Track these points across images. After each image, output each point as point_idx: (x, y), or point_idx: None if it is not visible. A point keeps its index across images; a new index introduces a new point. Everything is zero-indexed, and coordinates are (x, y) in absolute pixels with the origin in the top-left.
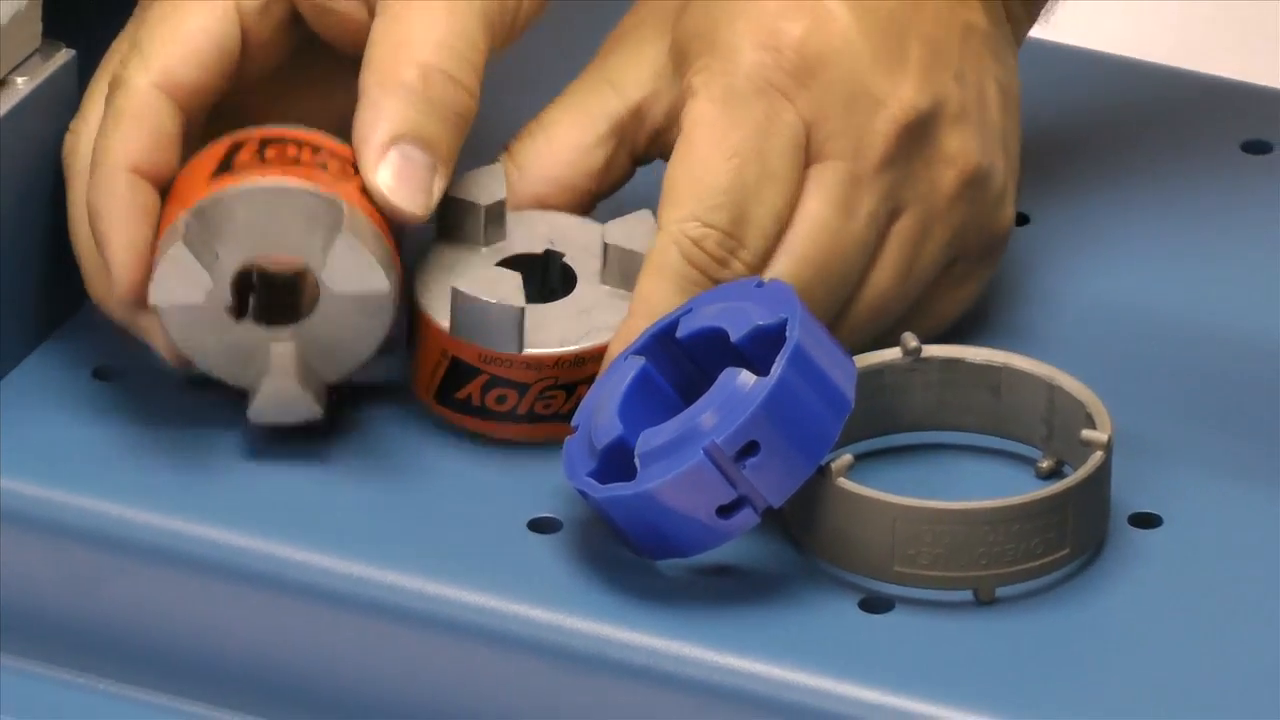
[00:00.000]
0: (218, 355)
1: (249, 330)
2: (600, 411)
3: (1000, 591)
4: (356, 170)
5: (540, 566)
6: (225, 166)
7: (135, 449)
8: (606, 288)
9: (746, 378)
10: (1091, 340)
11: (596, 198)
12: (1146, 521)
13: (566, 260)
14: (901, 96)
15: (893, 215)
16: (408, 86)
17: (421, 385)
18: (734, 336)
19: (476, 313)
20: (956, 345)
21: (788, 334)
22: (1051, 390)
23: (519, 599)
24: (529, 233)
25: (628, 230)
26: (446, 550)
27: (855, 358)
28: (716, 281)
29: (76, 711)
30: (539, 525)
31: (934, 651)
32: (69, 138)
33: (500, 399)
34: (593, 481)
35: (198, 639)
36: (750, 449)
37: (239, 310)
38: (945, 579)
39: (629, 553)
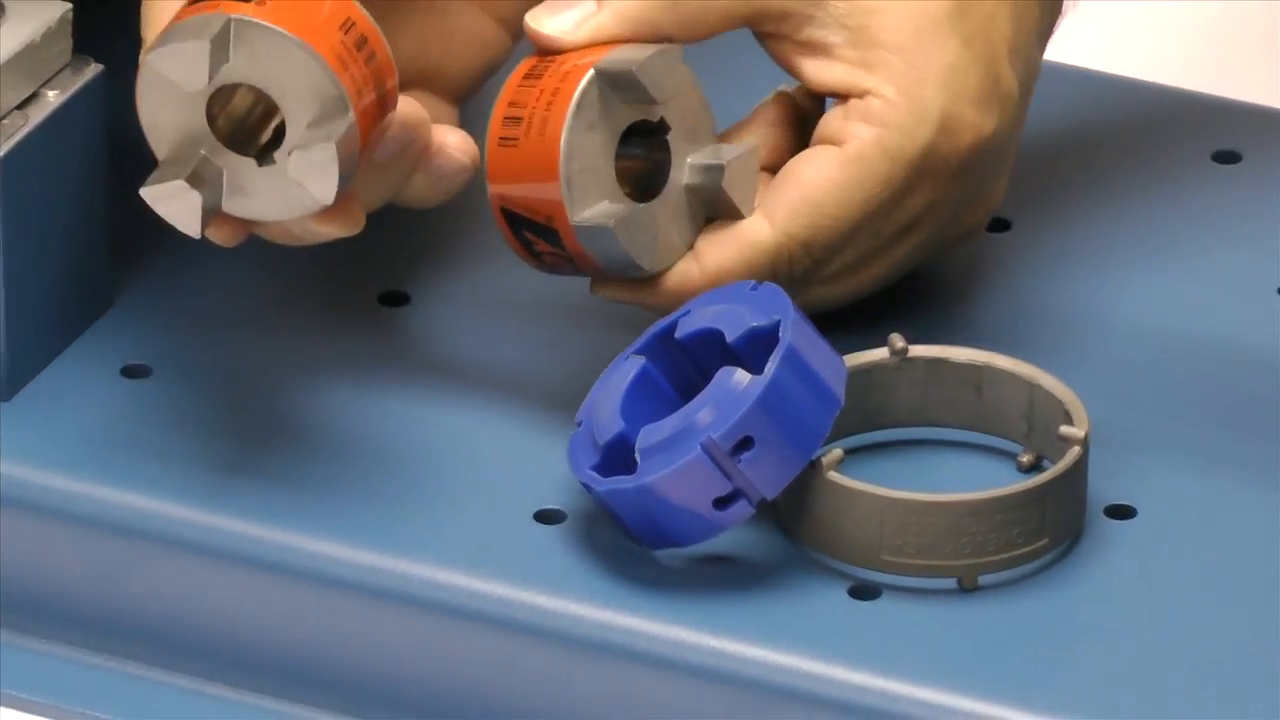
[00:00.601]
0: (168, 133)
1: (209, 138)
2: (602, 409)
3: (983, 579)
4: (381, 86)
5: (545, 555)
6: None
7: (159, 443)
8: (683, 196)
9: (741, 376)
10: (1070, 341)
11: (708, 34)
12: (1121, 513)
13: (669, 138)
14: (993, 195)
15: (915, 224)
16: None
17: (498, 197)
18: (730, 337)
19: (610, 246)
20: (941, 345)
21: (780, 335)
22: (1032, 389)
23: (525, 586)
24: (662, 79)
25: (739, 168)
26: (457, 540)
27: (846, 357)
28: (776, 279)
29: (103, 692)
30: (544, 516)
31: (920, 636)
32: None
33: (551, 256)
34: (595, 475)
35: (217, 623)
36: (745, 444)
37: (221, 130)
38: (931, 567)
39: (630, 543)
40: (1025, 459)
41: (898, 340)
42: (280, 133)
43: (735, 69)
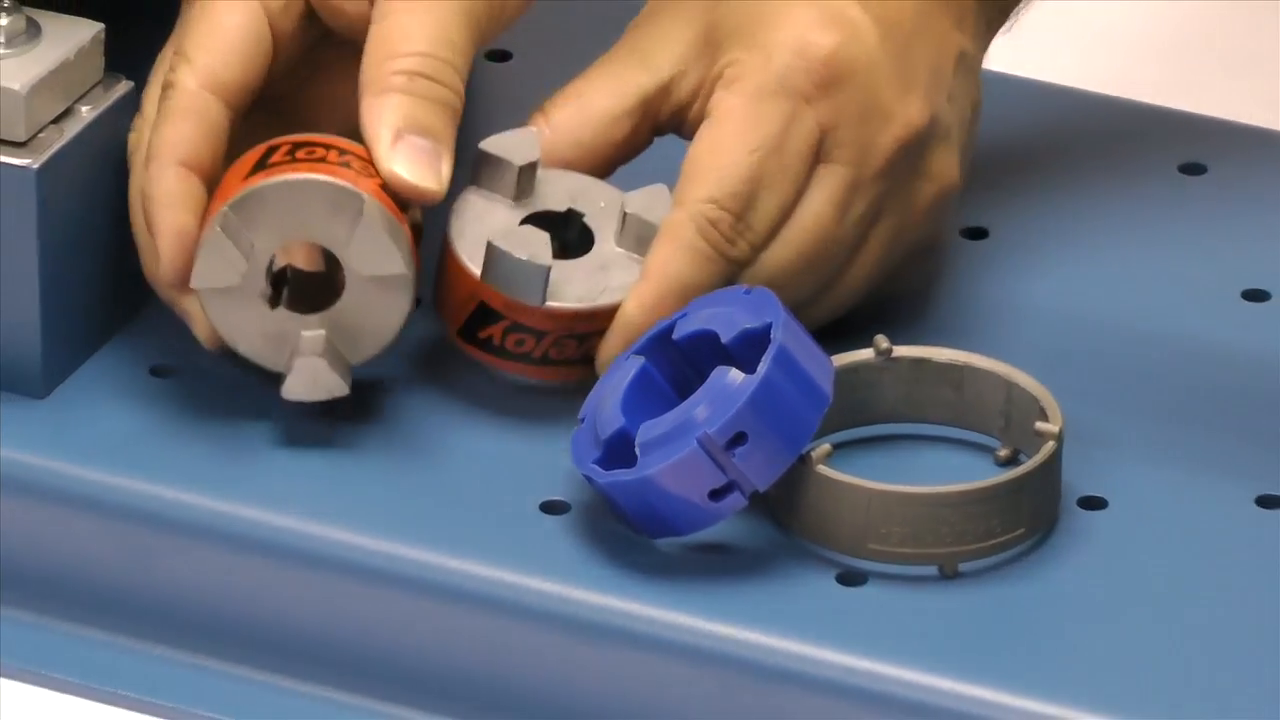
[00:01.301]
0: (253, 338)
1: (282, 316)
2: (604, 405)
3: (963, 566)
4: (375, 170)
5: (551, 544)
6: (260, 166)
7: (186, 438)
8: (621, 250)
9: (735, 375)
10: (1044, 342)
11: (616, 164)
12: (1093, 504)
13: (586, 220)
14: (908, 114)
15: (875, 219)
16: (397, 88)
17: (448, 317)
18: (724, 338)
19: (508, 266)
20: (923, 346)
21: (772, 336)
22: (1009, 386)
23: (531, 573)
24: (554, 191)
25: (647, 201)
26: (466, 529)
27: (833, 357)
28: (724, 257)
29: (133, 672)
30: (550, 507)
31: (904, 620)
32: (131, 135)
33: (519, 343)
34: (597, 468)
35: (238, 605)
36: (739, 439)
37: (274, 301)
38: (914, 555)
39: (630, 532)
40: (1003, 453)
41: (883, 341)
42: (326, 279)
43: None
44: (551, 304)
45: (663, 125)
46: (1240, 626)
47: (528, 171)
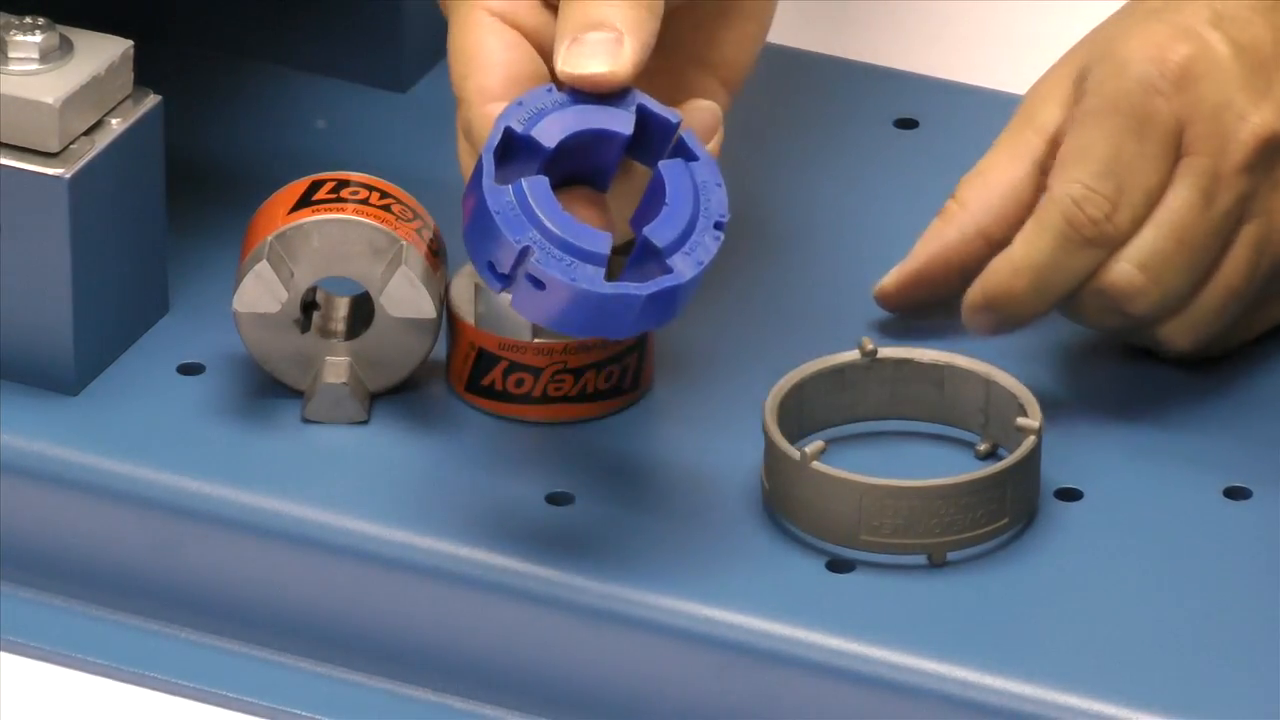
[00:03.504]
0: (281, 359)
1: (311, 341)
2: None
3: (949, 555)
4: (415, 215)
5: (556, 534)
6: (305, 202)
7: (211, 433)
8: None
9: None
10: (1023, 343)
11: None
12: (1070, 495)
13: None
14: (1264, 116)
15: (1241, 217)
16: None
17: (455, 377)
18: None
19: (496, 305)
20: (907, 347)
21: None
22: (988, 385)
23: (537, 562)
24: None
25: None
26: (475, 519)
27: (820, 359)
28: (1087, 240)
29: (160, 657)
30: (555, 499)
31: (891, 605)
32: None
33: (519, 383)
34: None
35: (261, 592)
36: (525, 253)
37: (304, 325)
38: (904, 545)
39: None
40: (983, 447)
41: (868, 343)
42: (355, 309)
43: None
44: (540, 339)
45: None
46: (1207, 610)
47: None
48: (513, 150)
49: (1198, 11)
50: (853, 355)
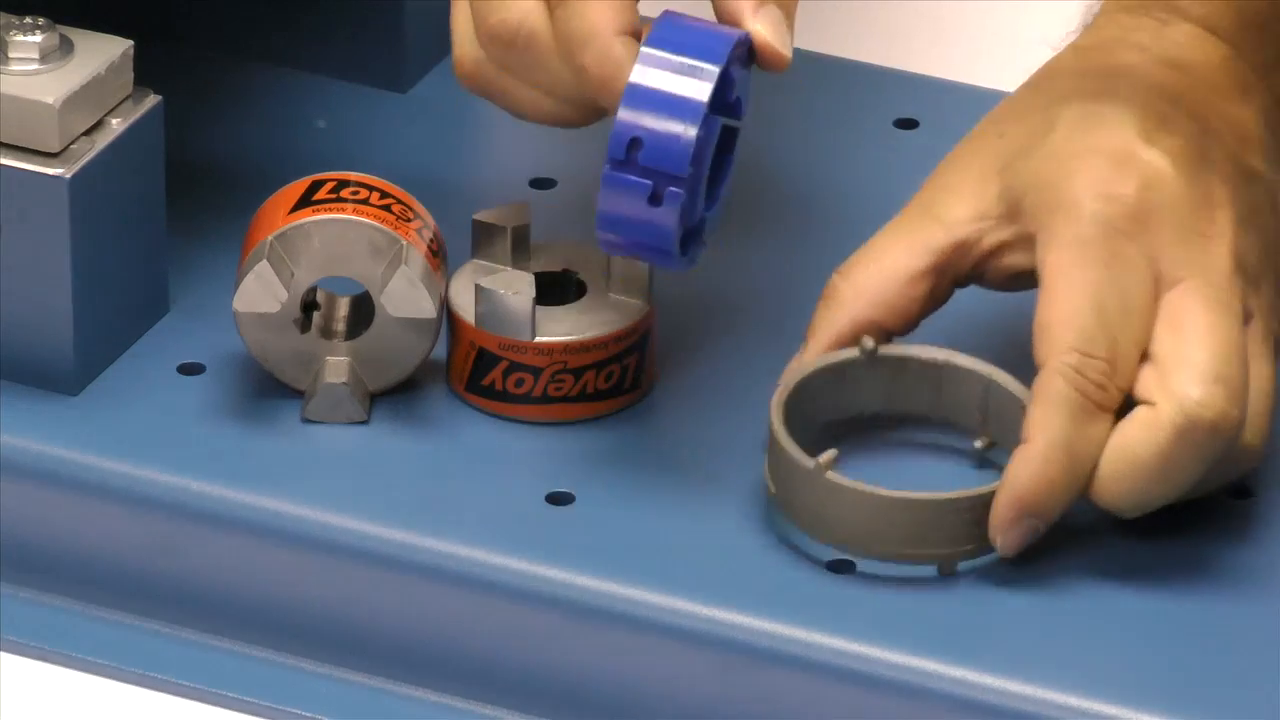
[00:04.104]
0: (281, 359)
1: (311, 340)
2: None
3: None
4: (415, 215)
5: (556, 533)
6: (305, 202)
7: (210, 433)
8: (612, 296)
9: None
10: (1021, 342)
11: (920, 318)
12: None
13: (580, 277)
14: (1224, 232)
15: (1246, 318)
16: None
17: (455, 377)
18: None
19: (496, 305)
20: (906, 345)
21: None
22: (988, 384)
23: (538, 561)
24: (550, 258)
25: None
26: (476, 519)
27: (822, 356)
28: (1100, 406)
29: (159, 656)
30: (555, 498)
31: (893, 606)
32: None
33: (519, 383)
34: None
35: (261, 591)
36: (634, 145)
37: (304, 325)
38: (915, 555)
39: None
40: (979, 444)
41: (868, 342)
42: (355, 309)
43: None
44: (541, 339)
45: (961, 279)
46: (1207, 610)
47: (521, 236)
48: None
49: (1124, 129)
50: (853, 353)
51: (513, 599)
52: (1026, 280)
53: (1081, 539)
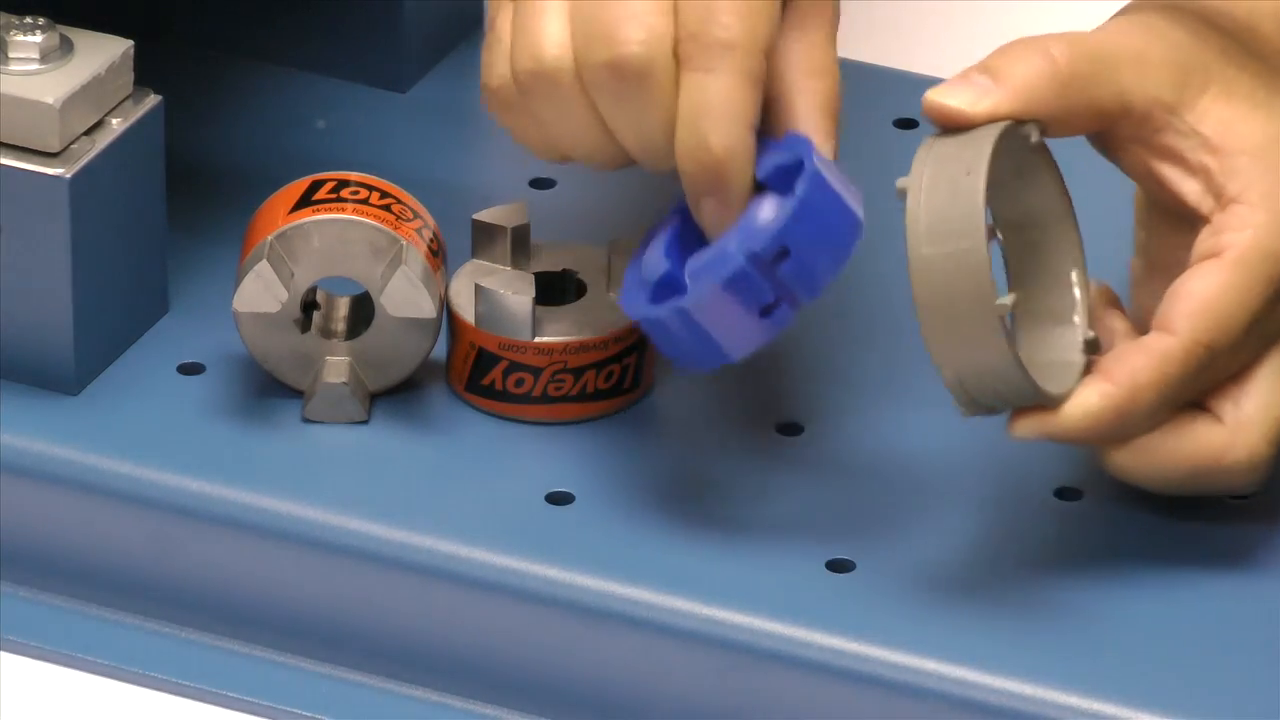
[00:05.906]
0: (281, 359)
1: (311, 340)
2: (649, 254)
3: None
4: (415, 215)
5: (556, 533)
6: (305, 202)
7: (211, 432)
8: (612, 296)
9: (772, 200)
10: None
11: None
12: (1070, 495)
13: (580, 277)
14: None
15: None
16: None
17: (455, 377)
18: (760, 175)
19: (496, 305)
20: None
21: (804, 163)
22: (1078, 263)
23: (538, 560)
24: (551, 259)
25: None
26: (477, 519)
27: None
28: (1177, 390)
29: (160, 656)
30: (555, 499)
31: (893, 605)
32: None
33: (519, 382)
34: (649, 305)
35: (261, 591)
36: (782, 255)
37: (304, 325)
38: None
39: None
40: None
41: (1034, 131)
42: (355, 309)
43: None
44: (541, 339)
45: (1103, 127)
46: (1207, 610)
47: (521, 236)
48: None
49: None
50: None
51: (513, 599)
52: (1151, 181)
53: (1082, 539)
